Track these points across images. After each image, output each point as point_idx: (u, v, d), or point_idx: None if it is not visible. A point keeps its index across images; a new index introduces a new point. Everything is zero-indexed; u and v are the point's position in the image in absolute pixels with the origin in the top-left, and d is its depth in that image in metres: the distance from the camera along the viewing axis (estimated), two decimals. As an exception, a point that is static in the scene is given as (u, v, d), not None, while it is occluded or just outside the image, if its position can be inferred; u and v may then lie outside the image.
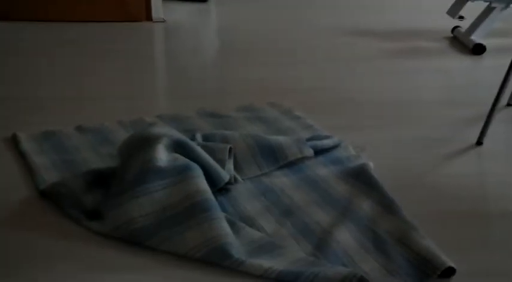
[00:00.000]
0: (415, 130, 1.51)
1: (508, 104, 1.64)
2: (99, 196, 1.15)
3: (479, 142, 1.44)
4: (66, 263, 1.00)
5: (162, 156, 1.12)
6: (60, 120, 1.50)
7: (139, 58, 1.95)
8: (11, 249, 1.03)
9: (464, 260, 1.01)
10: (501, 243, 1.06)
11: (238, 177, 1.23)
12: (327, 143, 1.35)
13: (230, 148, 1.24)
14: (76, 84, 1.73)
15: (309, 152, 1.31)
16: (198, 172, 1.12)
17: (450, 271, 0.98)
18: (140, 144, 1.15)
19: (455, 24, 2.25)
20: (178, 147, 1.17)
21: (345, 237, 1.05)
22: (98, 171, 1.19)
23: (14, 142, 1.37)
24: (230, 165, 1.23)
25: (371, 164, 1.29)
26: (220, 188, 1.18)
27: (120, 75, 1.81)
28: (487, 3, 2.12)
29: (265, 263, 0.98)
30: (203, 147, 1.22)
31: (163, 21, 2.30)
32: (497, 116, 1.50)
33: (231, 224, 1.07)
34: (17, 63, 1.87)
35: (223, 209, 1.12)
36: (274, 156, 1.28)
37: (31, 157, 1.30)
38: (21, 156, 1.32)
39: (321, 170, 1.28)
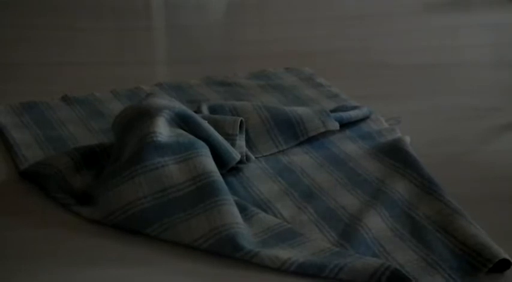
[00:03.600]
0: (460, 98, 1.49)
1: None
2: (90, 177, 1.15)
3: (536, 112, 1.41)
4: (52, 256, 1.00)
5: (163, 131, 1.12)
6: (43, 89, 1.51)
7: (135, 16, 1.94)
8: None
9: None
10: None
11: (251, 156, 1.23)
12: (354, 114, 1.34)
13: (241, 121, 1.24)
14: (60, 47, 1.73)
15: (334, 125, 1.30)
16: (205, 150, 1.12)
17: (504, 264, 0.96)
18: (137, 117, 1.15)
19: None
20: (181, 121, 1.17)
21: (376, 223, 1.05)
22: (88, 149, 1.19)
23: (-11, 115, 1.38)
24: (241, 141, 1.22)
25: (407, 139, 1.27)
26: (230, 168, 1.17)
27: (112, 36, 1.81)
28: None
29: (283, 253, 0.98)
30: (210, 120, 1.22)
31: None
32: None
33: (243, 209, 1.07)
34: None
35: (234, 192, 1.12)
36: (292, 131, 1.27)
37: (10, 132, 1.31)
38: (-1, 131, 1.33)
39: (348, 146, 1.27)
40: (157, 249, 1.01)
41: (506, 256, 0.96)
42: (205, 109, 1.32)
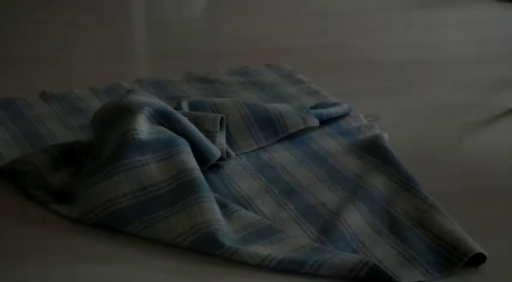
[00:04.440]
0: (439, 94, 1.50)
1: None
2: (68, 175, 1.15)
3: (515, 108, 1.43)
4: (33, 255, 1.00)
5: (144, 128, 1.12)
6: (21, 85, 1.50)
7: (114, 11, 1.93)
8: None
9: (495, 245, 1.01)
10: (537, 226, 1.07)
11: (232, 152, 1.23)
12: (334, 111, 1.35)
13: (222, 118, 1.24)
14: (38, 43, 1.72)
15: (314, 121, 1.31)
16: (185, 147, 1.12)
17: (479, 258, 0.98)
18: (117, 114, 1.15)
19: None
20: (161, 118, 1.16)
21: (355, 219, 1.06)
22: (67, 146, 1.19)
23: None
24: (222, 138, 1.23)
25: (386, 135, 1.29)
26: (211, 165, 1.18)
27: (91, 32, 1.80)
28: None
29: (263, 250, 0.99)
30: (190, 117, 1.22)
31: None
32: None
33: (223, 206, 1.07)
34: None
35: (215, 189, 1.13)
36: (273, 128, 1.28)
37: (-13, 130, 1.31)
38: (-24, 129, 1.32)
39: (328, 142, 1.28)
40: (138, 248, 1.01)
41: (481, 250, 0.98)
42: (185, 106, 1.32)
